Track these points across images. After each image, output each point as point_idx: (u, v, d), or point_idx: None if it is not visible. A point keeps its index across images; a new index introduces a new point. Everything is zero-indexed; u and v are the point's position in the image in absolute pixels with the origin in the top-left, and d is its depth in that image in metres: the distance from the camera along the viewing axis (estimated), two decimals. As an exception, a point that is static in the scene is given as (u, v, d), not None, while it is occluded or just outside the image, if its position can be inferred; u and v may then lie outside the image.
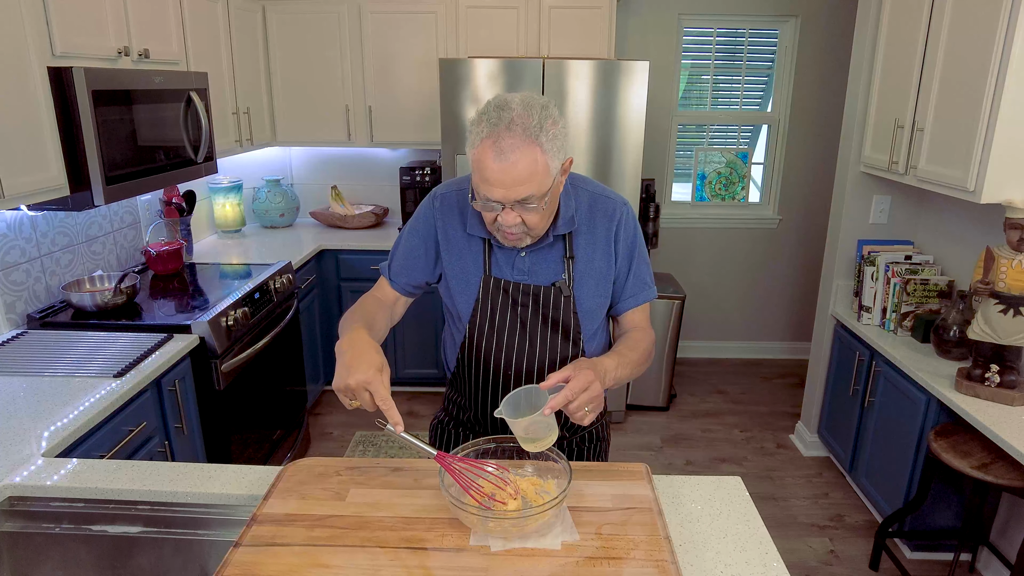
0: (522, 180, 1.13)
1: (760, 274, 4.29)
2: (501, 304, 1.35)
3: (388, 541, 1.07)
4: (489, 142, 1.12)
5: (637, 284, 1.39)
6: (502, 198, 1.15)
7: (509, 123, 1.11)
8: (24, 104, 1.83)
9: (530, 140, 1.11)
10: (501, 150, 1.11)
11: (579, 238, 1.34)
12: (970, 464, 2.03)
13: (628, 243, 1.37)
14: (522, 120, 1.12)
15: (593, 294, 1.35)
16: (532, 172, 1.13)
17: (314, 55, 3.52)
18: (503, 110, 1.13)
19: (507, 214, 1.18)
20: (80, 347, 2.04)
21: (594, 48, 3.43)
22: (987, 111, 2.04)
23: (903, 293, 2.62)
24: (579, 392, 1.11)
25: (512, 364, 1.37)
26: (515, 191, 1.14)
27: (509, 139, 1.11)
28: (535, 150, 1.12)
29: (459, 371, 1.45)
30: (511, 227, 1.21)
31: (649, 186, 3.71)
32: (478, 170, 1.15)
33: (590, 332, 1.38)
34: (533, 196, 1.15)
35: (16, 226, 2.22)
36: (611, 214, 1.35)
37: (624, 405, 3.55)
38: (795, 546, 2.61)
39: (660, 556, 1.03)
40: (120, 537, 1.30)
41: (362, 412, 3.57)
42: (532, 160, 1.12)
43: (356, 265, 3.54)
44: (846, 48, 3.71)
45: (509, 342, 1.36)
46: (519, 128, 1.11)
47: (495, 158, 1.12)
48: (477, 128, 1.15)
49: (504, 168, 1.12)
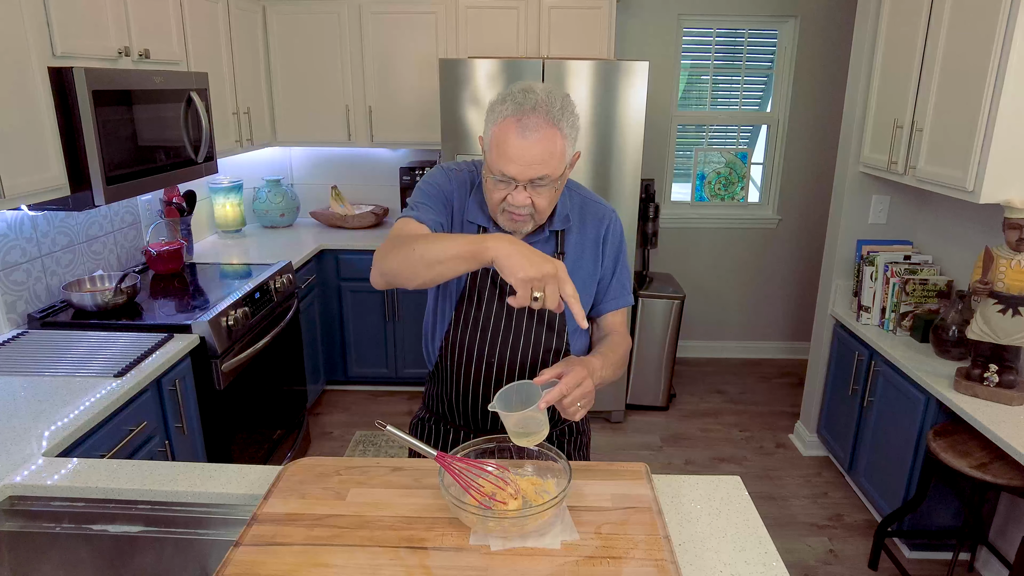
0: (540, 160, 1.18)
1: (759, 274, 4.30)
2: (488, 293, 1.37)
3: (388, 540, 1.07)
4: (513, 119, 1.18)
5: (618, 288, 1.44)
6: (517, 174, 1.19)
7: (535, 104, 1.17)
8: (25, 104, 1.83)
9: (552, 123, 1.18)
10: (525, 127, 1.17)
11: (570, 237, 1.38)
12: (969, 464, 2.03)
13: (615, 248, 1.42)
14: (545, 105, 1.18)
15: (579, 290, 1.36)
16: (551, 153, 1.18)
17: (314, 55, 3.52)
18: (528, 93, 1.19)
19: (519, 193, 1.22)
20: (80, 347, 2.04)
21: (594, 48, 3.43)
22: (986, 111, 2.04)
23: (902, 293, 2.63)
24: (573, 387, 1.13)
25: (496, 353, 1.38)
26: (532, 169, 1.18)
27: (534, 118, 1.17)
28: (556, 133, 1.18)
29: (441, 361, 1.44)
30: (520, 207, 1.24)
31: (649, 186, 3.71)
32: (498, 145, 1.20)
33: (575, 325, 1.40)
34: (547, 177, 1.20)
35: (17, 226, 2.23)
36: (601, 218, 1.41)
37: (624, 405, 3.55)
38: (794, 545, 2.61)
39: (659, 555, 1.03)
40: (120, 537, 1.30)
41: (362, 412, 3.59)
42: (552, 142, 1.18)
43: (356, 265, 3.55)
44: (845, 48, 3.71)
45: (494, 331, 1.37)
46: (543, 110, 1.17)
47: (519, 134, 1.17)
48: (502, 107, 1.20)
49: (526, 145, 1.17)
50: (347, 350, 3.71)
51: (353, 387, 3.86)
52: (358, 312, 3.64)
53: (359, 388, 3.85)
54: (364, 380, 3.80)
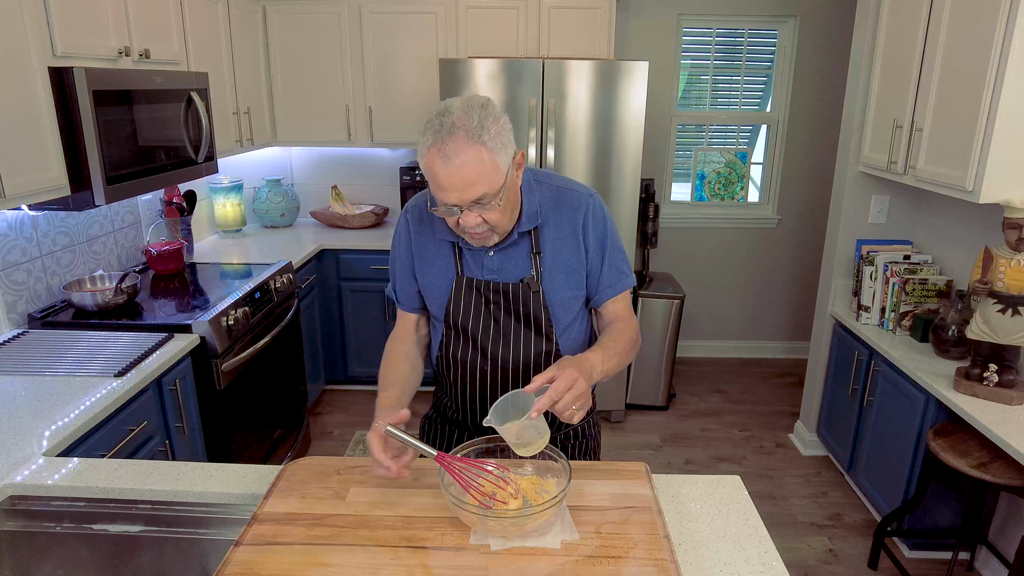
0: (472, 181, 1.15)
1: (759, 274, 4.30)
2: (475, 303, 1.37)
3: (388, 540, 1.07)
4: (435, 149, 1.14)
5: (613, 274, 1.39)
6: (458, 201, 1.17)
7: (451, 127, 1.13)
8: (25, 104, 1.83)
9: (473, 141, 1.13)
10: (447, 155, 1.13)
11: (545, 232, 1.35)
12: (968, 463, 2.03)
13: (598, 234, 1.37)
14: (463, 123, 1.14)
15: (563, 287, 1.36)
16: (481, 172, 1.15)
17: (314, 55, 3.52)
18: (444, 116, 1.15)
19: (467, 216, 1.20)
20: (81, 346, 2.04)
21: (594, 48, 3.43)
22: (986, 111, 2.04)
23: (902, 293, 2.63)
24: (563, 392, 1.11)
25: (488, 361, 1.39)
26: (468, 192, 1.16)
27: (453, 143, 1.13)
28: (480, 150, 1.14)
29: (439, 369, 1.48)
30: (474, 228, 1.23)
31: (648, 186, 3.71)
32: (431, 178, 1.17)
33: (563, 326, 1.39)
34: (487, 195, 1.17)
35: (17, 226, 2.23)
36: (576, 207, 1.36)
37: (624, 404, 3.55)
38: (794, 545, 2.61)
39: (659, 555, 1.04)
40: (121, 536, 1.30)
41: (362, 411, 3.60)
42: (479, 160, 1.14)
43: (356, 265, 3.55)
44: (845, 48, 3.71)
45: (483, 340, 1.38)
46: (461, 131, 1.13)
47: (443, 164, 1.14)
48: (423, 138, 1.17)
49: (452, 172, 1.14)
50: (347, 350, 3.71)
51: (353, 387, 3.86)
52: (358, 312, 3.64)
53: (359, 388, 3.85)
54: (364, 380, 3.80)
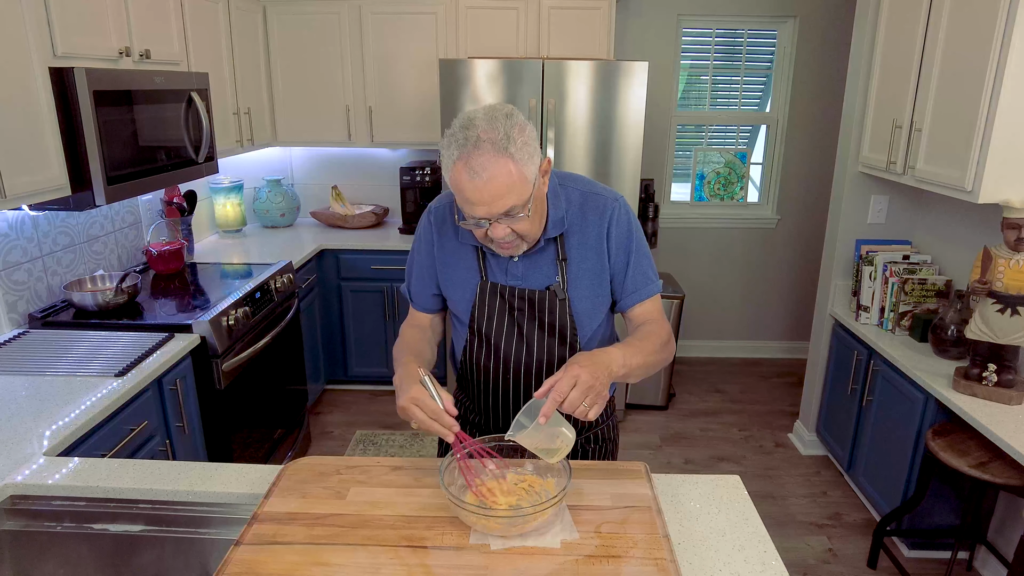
0: (501, 194, 1.13)
1: (759, 274, 4.30)
2: (499, 309, 1.36)
3: (388, 539, 1.08)
4: (461, 163, 1.12)
5: (639, 279, 1.35)
6: (486, 214, 1.15)
7: (476, 141, 1.11)
8: (26, 104, 1.84)
9: (500, 153, 1.11)
10: (473, 169, 1.11)
11: (571, 239, 1.33)
12: (968, 463, 2.04)
13: (622, 239, 1.33)
14: (489, 135, 1.11)
15: (588, 295, 1.35)
16: (509, 184, 1.13)
17: (314, 55, 3.53)
18: (468, 129, 1.13)
19: (496, 228, 1.18)
20: (81, 346, 2.05)
21: (594, 48, 3.43)
22: (985, 111, 2.05)
23: (901, 293, 2.63)
24: (565, 392, 1.09)
25: (511, 368, 1.38)
26: (496, 205, 1.14)
27: (479, 157, 1.11)
28: (507, 162, 1.12)
29: (463, 373, 1.48)
30: (503, 239, 1.21)
31: (648, 186, 3.72)
32: (457, 192, 1.16)
33: (587, 334, 1.37)
34: (516, 207, 1.16)
35: (18, 226, 2.23)
36: (602, 211, 1.33)
37: (624, 404, 3.56)
38: (793, 544, 2.61)
39: (659, 555, 1.04)
40: (121, 536, 1.30)
41: (362, 411, 3.60)
42: (507, 173, 1.12)
43: (356, 265, 3.55)
44: (844, 49, 3.71)
45: (507, 347, 1.37)
46: (487, 144, 1.11)
47: (470, 178, 1.12)
48: (448, 151, 1.15)
49: (480, 186, 1.12)
50: (347, 349, 3.71)
51: (353, 386, 3.86)
52: (358, 312, 3.64)
53: (359, 387, 3.86)
54: (364, 379, 3.80)
